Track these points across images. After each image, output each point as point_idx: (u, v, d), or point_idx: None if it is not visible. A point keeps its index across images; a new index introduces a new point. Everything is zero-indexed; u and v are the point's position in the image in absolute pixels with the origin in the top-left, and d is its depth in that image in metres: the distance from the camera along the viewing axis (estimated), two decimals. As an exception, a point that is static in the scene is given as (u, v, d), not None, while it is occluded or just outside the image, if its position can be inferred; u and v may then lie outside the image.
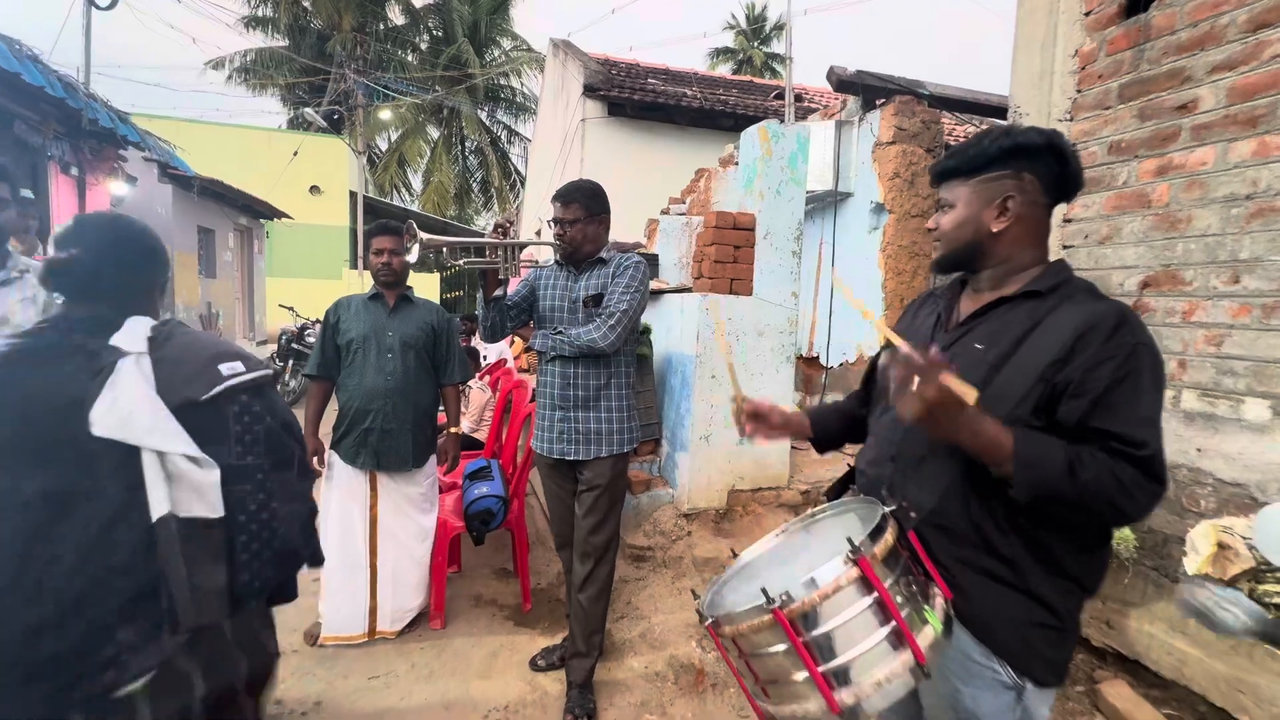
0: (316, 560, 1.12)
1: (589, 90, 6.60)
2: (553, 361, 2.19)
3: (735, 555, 1.24)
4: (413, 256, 2.00)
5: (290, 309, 8.29)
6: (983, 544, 1.00)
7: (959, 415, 0.89)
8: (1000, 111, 4.12)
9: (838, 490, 1.37)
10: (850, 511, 1.15)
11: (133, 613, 0.92)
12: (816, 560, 1.01)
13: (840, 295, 4.27)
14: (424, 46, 20.24)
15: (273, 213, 11.63)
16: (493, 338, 2.26)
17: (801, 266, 3.20)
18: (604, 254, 2.20)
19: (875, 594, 0.89)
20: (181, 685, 0.96)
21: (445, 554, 2.70)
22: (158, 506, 0.91)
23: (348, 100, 15.01)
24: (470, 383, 4.16)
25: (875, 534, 0.93)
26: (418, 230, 1.97)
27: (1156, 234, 2.12)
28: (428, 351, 2.53)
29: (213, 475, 0.95)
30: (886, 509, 0.98)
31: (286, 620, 2.62)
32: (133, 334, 0.98)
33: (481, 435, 3.92)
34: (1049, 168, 1.03)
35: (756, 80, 10.48)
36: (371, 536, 2.48)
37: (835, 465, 3.65)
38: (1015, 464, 0.90)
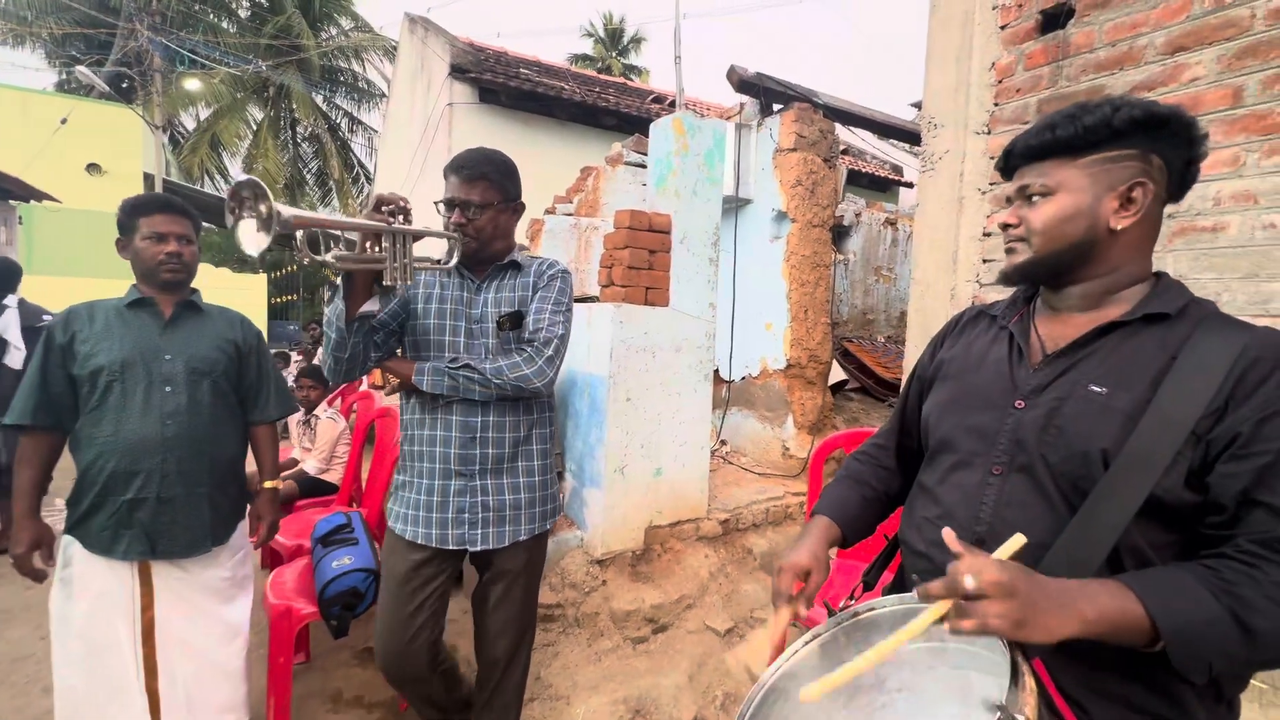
0: None
1: (457, 71, 5.88)
2: (448, 408, 1.59)
3: (752, 675, 0.87)
4: (252, 246, 1.09)
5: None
6: (1129, 668, 0.72)
7: (1030, 607, 0.62)
8: (887, 128, 4.26)
9: (879, 571, 1.05)
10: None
11: None
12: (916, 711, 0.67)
13: (743, 307, 4.11)
14: (243, 13, 17.52)
15: (29, 193, 9.15)
16: (349, 375, 1.55)
17: (719, 275, 2.93)
18: (517, 257, 1.68)
19: None
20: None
21: (290, 651, 2.00)
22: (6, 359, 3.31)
23: (141, 63, 12.33)
24: (318, 411, 3.37)
25: (1015, 680, 0.62)
26: (274, 201, 1.05)
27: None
28: (229, 380, 1.77)
29: (21, 355, 3.31)
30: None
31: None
32: (11, 301, 3.39)
33: (334, 477, 3.16)
34: (1179, 151, 0.78)
35: (630, 83, 10.32)
36: (147, 650, 1.66)
37: (753, 484, 3.44)
38: (1165, 638, 0.64)
